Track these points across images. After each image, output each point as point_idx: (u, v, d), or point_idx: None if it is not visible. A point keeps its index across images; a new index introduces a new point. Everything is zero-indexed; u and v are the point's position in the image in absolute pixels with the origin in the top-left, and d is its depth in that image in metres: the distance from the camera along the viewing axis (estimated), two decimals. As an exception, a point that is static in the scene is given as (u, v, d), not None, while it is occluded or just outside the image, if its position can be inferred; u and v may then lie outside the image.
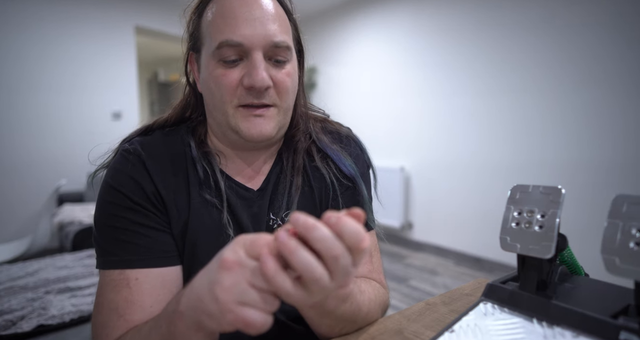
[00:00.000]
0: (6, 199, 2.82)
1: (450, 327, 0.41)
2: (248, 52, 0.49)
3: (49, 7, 2.95)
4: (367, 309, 0.50)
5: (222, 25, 0.49)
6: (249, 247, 0.31)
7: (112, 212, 0.50)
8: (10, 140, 2.83)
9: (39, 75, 2.93)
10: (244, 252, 0.30)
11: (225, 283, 0.29)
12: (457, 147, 2.86)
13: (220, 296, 0.29)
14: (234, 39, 0.48)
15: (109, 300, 0.47)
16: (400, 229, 3.26)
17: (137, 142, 0.55)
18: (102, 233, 0.51)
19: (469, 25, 2.72)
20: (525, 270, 0.44)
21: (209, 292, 0.31)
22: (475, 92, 2.71)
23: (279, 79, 0.51)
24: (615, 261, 0.35)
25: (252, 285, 0.29)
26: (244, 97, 0.51)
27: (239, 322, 0.29)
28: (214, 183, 0.55)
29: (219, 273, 0.30)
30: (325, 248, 0.27)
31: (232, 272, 0.30)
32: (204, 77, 0.53)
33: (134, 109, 3.47)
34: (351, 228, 0.28)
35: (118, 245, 0.49)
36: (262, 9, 0.50)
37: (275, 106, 0.53)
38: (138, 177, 0.52)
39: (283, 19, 0.53)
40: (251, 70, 0.49)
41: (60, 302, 1.21)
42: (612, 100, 2.08)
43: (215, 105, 0.52)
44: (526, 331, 0.38)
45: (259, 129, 0.51)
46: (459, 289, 0.61)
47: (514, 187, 0.46)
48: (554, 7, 2.27)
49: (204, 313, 0.32)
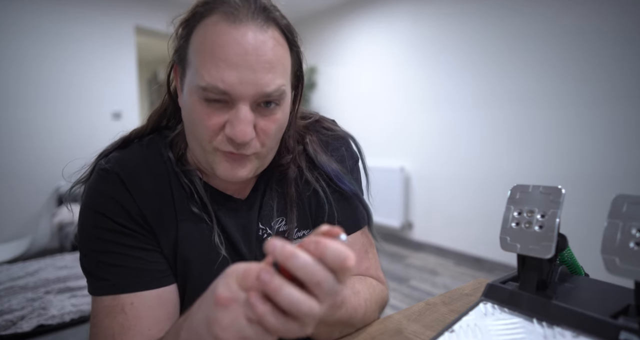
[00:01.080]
0: (6, 199, 2.82)
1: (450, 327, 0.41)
2: (234, 100, 0.45)
3: (48, 7, 2.95)
4: (363, 311, 0.50)
5: (210, 65, 0.43)
6: (241, 280, 0.30)
7: (97, 236, 0.48)
8: (10, 140, 2.83)
9: (39, 75, 2.93)
10: (237, 286, 0.30)
11: (223, 322, 0.29)
12: (457, 147, 2.86)
13: (221, 335, 0.29)
14: (220, 87, 0.43)
15: (104, 328, 0.46)
16: (400, 229, 3.26)
17: (115, 159, 0.52)
18: (88, 258, 0.49)
19: (470, 24, 2.72)
20: (525, 270, 0.44)
21: (208, 332, 0.30)
22: (475, 91, 2.71)
23: (263, 127, 0.47)
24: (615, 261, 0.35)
25: (250, 320, 0.29)
26: (224, 144, 0.47)
27: None
28: (199, 198, 0.53)
29: (215, 311, 0.30)
30: (307, 275, 0.27)
31: (228, 309, 0.29)
32: (186, 103, 0.48)
33: (134, 109, 3.47)
34: (332, 249, 0.27)
35: (108, 270, 0.47)
36: (258, 52, 0.44)
37: (255, 154, 0.49)
38: (119, 198, 0.49)
39: (282, 58, 0.47)
40: (235, 123, 0.45)
41: (60, 302, 1.21)
42: (612, 100, 2.08)
43: (195, 137, 0.49)
44: (526, 331, 0.38)
45: (234, 172, 0.49)
46: (459, 289, 0.61)
47: (514, 187, 0.46)
48: (558, 7, 2.27)
49: None
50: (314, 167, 0.60)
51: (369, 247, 0.63)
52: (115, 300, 0.46)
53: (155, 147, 0.55)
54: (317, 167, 0.60)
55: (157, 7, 3.57)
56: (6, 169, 2.82)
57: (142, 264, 0.49)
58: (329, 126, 0.65)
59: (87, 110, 3.17)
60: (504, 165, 2.58)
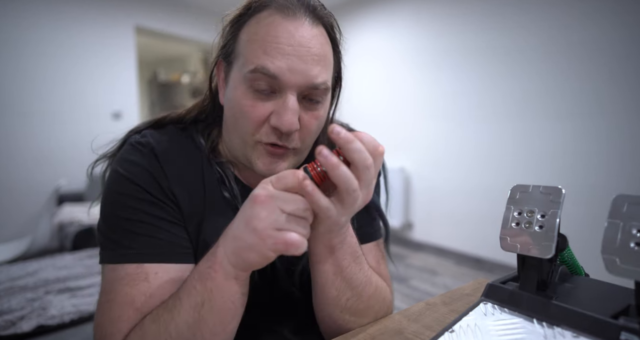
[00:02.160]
0: (6, 199, 2.82)
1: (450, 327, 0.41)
2: (282, 88, 0.46)
3: (48, 7, 2.95)
4: (374, 286, 0.51)
5: (261, 51, 0.45)
6: (275, 182, 0.36)
7: (126, 204, 0.48)
8: (10, 140, 2.82)
9: (39, 75, 2.93)
10: (272, 187, 0.35)
11: (261, 214, 0.34)
12: (457, 147, 2.85)
13: (258, 226, 0.34)
14: (270, 69, 0.44)
15: (123, 294, 0.44)
16: (400, 229, 3.25)
17: (150, 134, 0.53)
18: (113, 226, 0.48)
19: (472, 24, 2.72)
20: (526, 270, 0.43)
21: (246, 227, 0.35)
22: (476, 91, 2.71)
23: (306, 122, 0.49)
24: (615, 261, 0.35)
25: (284, 212, 0.34)
26: (268, 135, 0.48)
27: (279, 244, 0.34)
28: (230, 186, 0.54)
29: (253, 208, 0.35)
30: (361, 158, 0.34)
31: (265, 204, 0.34)
32: (230, 96, 0.50)
33: (134, 109, 3.47)
34: (368, 138, 0.36)
35: (135, 239, 0.47)
36: (309, 45, 0.45)
37: (294, 149, 0.51)
38: (153, 170, 0.49)
39: (329, 55, 0.49)
40: (281, 112, 0.46)
41: (60, 302, 1.21)
42: (612, 101, 2.08)
43: (237, 130, 0.50)
44: (526, 331, 0.38)
45: (273, 166, 0.50)
46: (459, 289, 0.61)
47: (514, 187, 0.46)
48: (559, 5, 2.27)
49: (244, 248, 0.35)
50: None
51: (380, 259, 0.63)
52: (139, 269, 0.45)
53: (189, 134, 0.57)
54: None
55: (157, 7, 3.57)
56: (6, 169, 2.81)
57: (169, 236, 0.48)
58: None
59: (87, 110, 3.17)
60: (504, 165, 2.58)
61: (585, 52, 2.16)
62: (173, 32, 3.71)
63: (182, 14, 3.74)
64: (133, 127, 0.57)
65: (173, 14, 3.67)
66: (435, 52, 2.96)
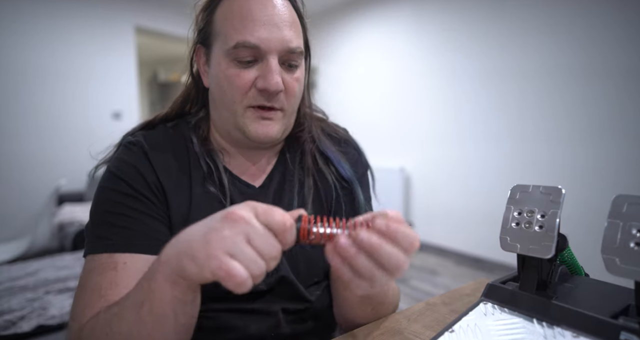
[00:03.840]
0: (6, 199, 2.82)
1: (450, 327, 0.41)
2: (264, 55, 0.50)
3: (48, 7, 2.95)
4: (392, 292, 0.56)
5: (240, 26, 0.49)
6: (261, 213, 0.32)
7: (110, 198, 0.50)
8: (10, 140, 2.83)
9: (39, 75, 2.93)
10: (254, 214, 0.32)
11: (224, 232, 0.30)
12: (457, 147, 2.85)
13: (214, 242, 0.30)
14: (251, 41, 0.49)
15: (93, 283, 0.46)
16: (400, 229, 3.25)
17: (140, 135, 0.56)
18: (96, 219, 0.50)
19: (471, 25, 2.72)
20: (526, 270, 0.44)
21: (203, 236, 0.31)
22: (476, 91, 2.71)
23: (289, 83, 0.53)
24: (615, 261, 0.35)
25: (250, 243, 0.30)
26: (256, 98, 0.52)
27: (221, 270, 0.29)
28: (218, 179, 0.56)
29: (222, 222, 0.31)
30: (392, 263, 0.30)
31: (235, 224, 0.30)
32: (215, 73, 0.53)
33: (134, 109, 3.47)
34: (404, 233, 0.31)
35: (112, 230, 0.48)
36: (280, 14, 0.51)
37: (282, 110, 0.54)
38: (140, 166, 0.52)
39: (297, 23, 0.54)
40: (266, 74, 0.50)
41: (60, 302, 1.21)
42: (612, 100, 2.08)
43: (225, 102, 0.53)
44: (526, 331, 0.38)
45: (265, 130, 0.53)
46: (459, 289, 0.61)
47: (514, 187, 0.46)
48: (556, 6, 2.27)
49: (187, 255, 0.32)
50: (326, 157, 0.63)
51: None
52: (110, 258, 0.47)
53: (179, 130, 0.59)
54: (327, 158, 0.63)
55: (157, 7, 3.57)
56: (6, 169, 2.82)
57: (144, 229, 0.49)
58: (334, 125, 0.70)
59: (87, 110, 3.17)
60: (505, 165, 2.58)
61: (584, 50, 2.16)
62: (173, 32, 3.71)
63: (182, 14, 3.73)
64: (128, 131, 0.60)
65: (173, 14, 3.67)
66: (436, 53, 2.96)
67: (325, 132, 0.66)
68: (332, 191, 0.61)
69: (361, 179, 0.65)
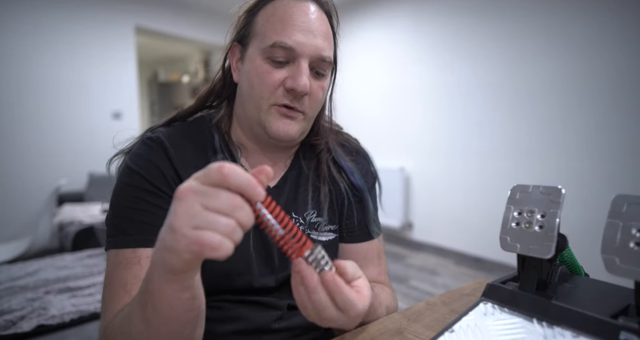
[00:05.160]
0: (6, 199, 2.83)
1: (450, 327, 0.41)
2: (296, 58, 0.53)
3: (48, 7, 2.95)
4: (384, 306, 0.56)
5: (280, 28, 0.53)
6: (202, 176, 0.30)
7: (129, 194, 0.52)
8: (10, 140, 2.83)
9: (39, 75, 2.93)
10: (197, 182, 0.30)
11: (178, 211, 0.29)
12: (457, 147, 2.85)
13: (175, 224, 0.29)
14: (288, 42, 0.52)
15: (119, 278, 0.48)
16: (400, 229, 3.26)
17: (160, 131, 0.58)
18: (118, 214, 0.52)
19: (470, 24, 2.72)
20: (525, 270, 0.44)
21: (166, 226, 0.31)
22: (476, 91, 2.71)
23: (314, 89, 0.56)
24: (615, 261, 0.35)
25: (206, 208, 0.29)
26: (282, 97, 0.54)
27: (193, 244, 0.28)
28: None
29: (173, 204, 0.30)
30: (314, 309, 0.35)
31: (184, 199, 0.29)
32: (247, 69, 0.56)
33: (134, 109, 3.47)
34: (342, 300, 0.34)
35: (134, 226, 0.50)
36: (318, 24, 0.55)
37: (304, 113, 0.56)
38: (159, 162, 0.53)
39: (331, 37, 0.58)
40: (296, 75, 0.52)
41: (60, 302, 1.21)
42: (612, 100, 2.08)
43: (252, 98, 0.55)
44: (526, 331, 0.38)
45: (286, 129, 0.55)
46: (459, 289, 0.61)
47: (514, 187, 0.46)
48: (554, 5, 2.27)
49: (164, 249, 0.31)
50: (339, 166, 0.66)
51: (382, 254, 0.69)
52: (134, 253, 0.49)
53: (199, 125, 0.61)
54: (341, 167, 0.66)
55: (157, 7, 3.57)
56: (6, 169, 2.82)
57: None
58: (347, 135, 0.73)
59: (87, 110, 3.17)
60: (504, 164, 2.58)
61: (583, 47, 2.16)
62: (173, 32, 3.72)
63: (182, 14, 3.74)
64: (149, 127, 0.61)
65: (173, 14, 3.67)
66: (436, 53, 2.96)
67: (339, 142, 0.70)
68: (345, 199, 0.64)
69: (370, 189, 0.68)
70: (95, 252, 1.82)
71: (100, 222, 2.25)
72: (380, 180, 0.72)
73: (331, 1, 0.60)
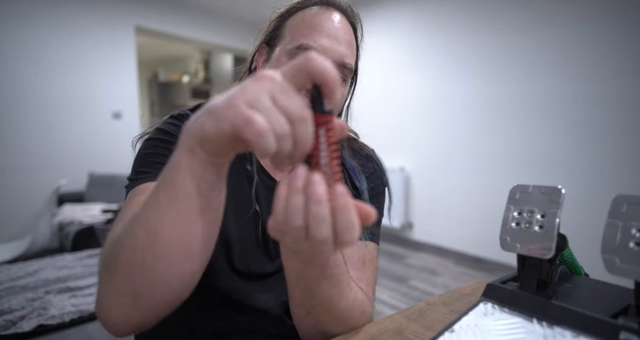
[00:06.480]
0: (6, 199, 2.83)
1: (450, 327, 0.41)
2: None
3: (48, 7, 2.95)
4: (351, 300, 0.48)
5: (307, 32, 0.56)
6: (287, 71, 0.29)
7: (155, 144, 0.55)
8: (10, 140, 2.83)
9: (39, 76, 2.93)
10: (281, 74, 0.29)
11: (248, 87, 0.28)
12: (457, 147, 2.86)
13: (235, 94, 0.28)
14: (313, 46, 0.55)
15: (134, 202, 0.47)
16: (400, 229, 3.26)
17: (186, 112, 0.61)
18: (141, 162, 0.54)
19: (470, 25, 2.72)
20: (525, 270, 0.44)
21: (226, 95, 0.29)
22: (475, 91, 2.71)
23: None
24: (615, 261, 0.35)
25: (273, 98, 0.27)
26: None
27: (239, 118, 0.26)
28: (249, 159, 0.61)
29: (248, 81, 0.28)
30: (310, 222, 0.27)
31: (260, 81, 0.28)
32: (272, 68, 0.57)
33: (134, 109, 3.47)
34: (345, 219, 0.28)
35: (154, 167, 0.53)
36: (343, 32, 0.58)
37: None
38: None
39: (354, 47, 0.61)
40: None
41: (60, 302, 1.21)
42: (611, 100, 2.08)
43: None
44: (526, 331, 0.38)
45: None
46: (459, 289, 0.61)
47: (514, 187, 0.46)
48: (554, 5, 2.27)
49: (207, 113, 0.29)
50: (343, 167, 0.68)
51: (368, 262, 0.61)
52: (151, 184, 0.50)
53: None
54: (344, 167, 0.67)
55: (157, 7, 3.57)
56: (6, 168, 2.82)
57: None
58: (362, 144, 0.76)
59: (87, 110, 3.17)
60: (505, 165, 2.58)
61: (584, 51, 2.16)
62: (173, 32, 3.72)
63: (182, 14, 3.74)
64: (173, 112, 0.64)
65: (173, 14, 3.67)
66: (436, 54, 2.96)
67: (351, 147, 0.72)
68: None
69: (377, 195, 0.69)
70: (95, 252, 1.82)
71: (101, 222, 2.25)
72: (391, 190, 0.72)
73: (358, 15, 0.63)
